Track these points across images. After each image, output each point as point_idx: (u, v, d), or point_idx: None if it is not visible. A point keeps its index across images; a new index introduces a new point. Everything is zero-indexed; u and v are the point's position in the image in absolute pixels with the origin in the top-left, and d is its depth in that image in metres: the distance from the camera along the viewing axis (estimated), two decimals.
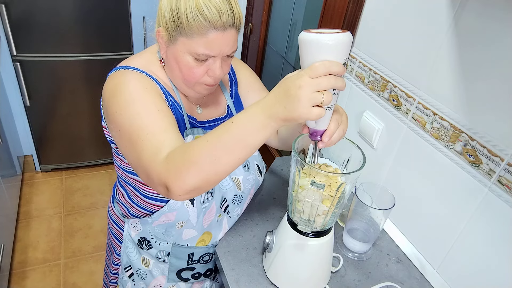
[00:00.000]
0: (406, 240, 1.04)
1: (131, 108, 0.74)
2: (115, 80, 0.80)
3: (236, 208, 1.00)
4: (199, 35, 0.73)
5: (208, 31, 0.73)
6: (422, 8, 0.91)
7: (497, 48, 0.75)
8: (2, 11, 1.98)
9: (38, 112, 2.38)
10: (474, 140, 0.82)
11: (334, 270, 0.94)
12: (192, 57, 0.77)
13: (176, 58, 0.79)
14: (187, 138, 0.85)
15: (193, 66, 0.78)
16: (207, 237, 0.98)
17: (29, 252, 2.10)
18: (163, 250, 0.99)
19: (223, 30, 0.74)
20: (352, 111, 1.21)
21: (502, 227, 0.78)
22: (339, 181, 0.77)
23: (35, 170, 2.66)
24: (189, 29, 0.73)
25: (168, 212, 0.89)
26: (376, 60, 1.08)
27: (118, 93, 0.77)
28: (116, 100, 0.76)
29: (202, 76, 0.80)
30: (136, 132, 0.72)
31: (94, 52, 2.30)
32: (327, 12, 1.28)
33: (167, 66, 0.85)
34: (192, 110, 0.92)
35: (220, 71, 0.80)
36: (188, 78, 0.81)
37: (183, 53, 0.77)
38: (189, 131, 0.86)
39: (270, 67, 2.00)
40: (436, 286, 0.94)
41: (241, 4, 2.10)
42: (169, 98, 0.85)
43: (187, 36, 0.74)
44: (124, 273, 1.07)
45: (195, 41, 0.74)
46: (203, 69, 0.79)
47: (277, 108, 0.59)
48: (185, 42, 0.75)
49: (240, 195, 0.98)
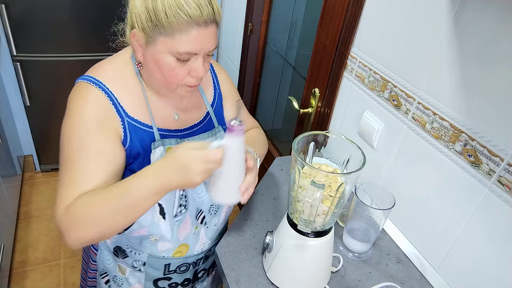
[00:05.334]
0: (406, 240, 1.04)
1: (74, 138, 0.75)
2: (78, 95, 0.79)
3: (214, 218, 0.98)
4: (180, 32, 0.71)
5: (190, 28, 0.70)
6: (422, 8, 0.91)
7: (497, 48, 0.75)
8: (2, 11, 1.98)
9: (38, 112, 2.38)
10: (474, 140, 0.82)
11: (334, 270, 0.94)
12: (174, 58, 0.74)
13: (156, 60, 0.75)
14: (156, 150, 0.82)
15: (175, 67, 0.75)
16: (184, 248, 0.96)
17: (29, 252, 2.10)
18: (138, 260, 0.96)
19: (205, 25, 0.72)
20: (352, 111, 1.21)
21: (502, 227, 0.78)
22: (339, 181, 0.78)
23: (35, 170, 2.66)
24: (170, 27, 0.70)
25: (138, 228, 0.86)
26: (376, 60, 1.08)
27: (72, 114, 0.77)
28: (68, 118, 0.77)
29: (184, 77, 0.77)
30: (66, 161, 0.75)
31: (94, 52, 2.30)
32: (327, 12, 1.28)
33: (145, 70, 0.81)
34: (168, 117, 0.88)
35: (203, 69, 0.77)
36: (170, 80, 0.77)
37: (164, 53, 0.74)
38: (158, 143, 0.83)
39: (270, 67, 2.00)
40: (436, 286, 0.94)
41: (241, 4, 2.10)
42: (127, 122, 0.81)
43: (168, 35, 0.71)
44: (101, 279, 1.04)
45: (177, 39, 0.71)
46: (185, 70, 0.76)
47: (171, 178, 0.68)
48: (166, 42, 0.72)
49: (217, 205, 0.96)
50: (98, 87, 0.79)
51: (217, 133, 0.95)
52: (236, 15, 2.20)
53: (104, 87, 0.79)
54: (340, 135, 0.82)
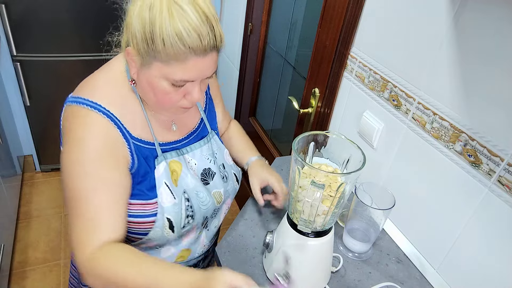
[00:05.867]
0: (406, 240, 1.04)
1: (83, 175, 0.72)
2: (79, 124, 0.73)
3: (214, 220, 0.98)
4: (177, 61, 0.67)
5: (187, 58, 0.67)
6: (422, 8, 0.91)
7: (497, 47, 0.75)
8: (2, 11, 1.98)
9: (38, 112, 2.38)
10: (474, 140, 0.82)
11: (334, 270, 0.94)
12: (169, 82, 0.70)
13: (150, 83, 0.72)
14: (159, 166, 0.82)
15: (170, 91, 0.72)
16: (186, 253, 0.95)
17: (29, 252, 2.10)
18: None
19: (204, 54, 0.68)
20: (352, 111, 1.21)
21: (502, 227, 0.78)
22: (339, 181, 0.78)
23: (35, 170, 2.66)
24: (166, 55, 0.66)
25: (148, 242, 0.86)
26: (376, 60, 1.08)
27: (77, 147, 0.72)
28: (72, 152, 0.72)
29: (179, 101, 0.75)
30: (75, 199, 0.72)
31: (94, 52, 2.30)
32: (327, 12, 1.28)
33: (139, 88, 0.78)
34: (166, 130, 0.87)
35: (198, 95, 0.74)
36: (164, 103, 0.75)
37: (159, 78, 0.70)
38: (160, 158, 0.82)
39: (270, 67, 2.00)
40: (436, 286, 0.94)
41: (241, 4, 2.10)
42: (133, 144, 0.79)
43: (163, 62, 0.67)
44: None
45: (173, 67, 0.68)
46: (180, 94, 0.73)
47: None
48: (161, 68, 0.68)
49: (218, 208, 0.96)
50: (99, 111, 0.74)
51: (211, 139, 0.95)
52: (236, 15, 2.20)
53: (105, 110, 0.74)
54: (340, 135, 0.82)
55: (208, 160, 0.92)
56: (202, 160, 0.91)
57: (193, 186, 0.87)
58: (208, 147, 0.94)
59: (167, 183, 0.82)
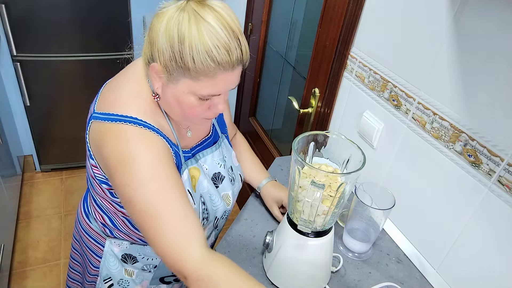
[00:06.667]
0: (406, 240, 1.04)
1: (144, 188, 0.70)
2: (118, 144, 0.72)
3: (223, 221, 1.01)
4: (206, 77, 0.68)
5: (216, 74, 0.68)
6: (422, 8, 0.91)
7: (497, 47, 0.75)
8: (2, 11, 1.98)
9: (38, 112, 2.38)
10: (474, 140, 0.82)
11: (334, 270, 0.94)
12: (196, 97, 0.72)
13: (177, 97, 0.73)
14: (183, 174, 0.83)
15: (196, 105, 0.73)
16: None
17: (29, 252, 2.10)
18: (150, 264, 0.97)
19: (232, 70, 0.69)
20: (352, 111, 1.21)
21: (502, 227, 0.78)
22: (339, 181, 0.78)
23: (35, 170, 2.66)
24: (195, 72, 0.67)
25: None
26: (376, 60, 1.08)
27: (127, 165, 0.70)
28: (125, 173, 0.70)
29: (204, 112, 0.76)
30: (154, 215, 0.70)
31: (94, 52, 2.30)
32: (327, 12, 1.28)
33: (163, 102, 0.78)
34: (184, 137, 0.88)
35: (223, 106, 0.76)
36: (189, 116, 0.76)
37: (186, 93, 0.71)
38: (184, 166, 0.84)
39: (270, 67, 2.00)
40: (436, 286, 0.94)
41: (241, 4, 2.10)
42: (173, 148, 0.80)
43: (192, 78, 0.68)
44: (103, 283, 1.02)
45: (201, 83, 0.69)
46: (205, 106, 0.75)
47: None
48: (190, 84, 0.69)
49: (228, 210, 0.98)
50: (143, 126, 0.74)
51: (221, 142, 0.97)
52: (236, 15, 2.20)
53: (147, 124, 0.74)
54: (340, 135, 0.82)
55: (219, 165, 0.94)
56: (213, 165, 0.93)
57: (207, 189, 0.89)
58: (219, 152, 0.95)
59: (189, 190, 0.84)
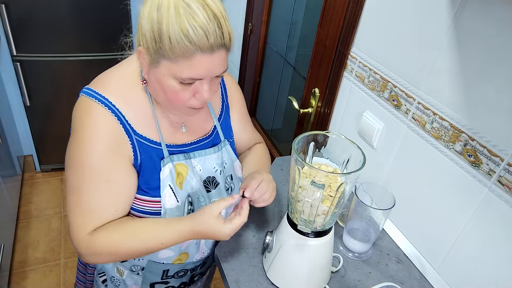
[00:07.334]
0: (406, 240, 1.04)
1: (85, 167, 0.76)
2: (86, 116, 0.76)
3: None
4: (183, 58, 0.67)
5: (193, 55, 0.67)
6: (422, 8, 0.91)
7: (497, 48, 0.75)
8: (2, 11, 1.98)
9: (38, 112, 2.38)
10: (474, 140, 0.82)
11: (334, 270, 0.94)
12: (177, 81, 0.71)
13: (159, 81, 0.73)
14: (165, 168, 0.82)
15: (179, 90, 0.72)
16: (184, 256, 0.95)
17: (29, 252, 2.10)
18: (137, 265, 0.95)
19: (211, 52, 0.68)
20: (352, 111, 1.21)
21: (502, 227, 0.78)
22: (339, 181, 0.78)
23: (35, 170, 2.66)
24: (173, 53, 0.67)
25: None
26: (376, 60, 1.08)
27: (81, 139, 0.76)
28: (77, 143, 0.77)
29: (189, 100, 0.75)
30: (77, 190, 0.77)
31: (94, 52, 2.30)
32: (327, 12, 1.28)
33: (150, 88, 0.79)
34: (175, 131, 0.87)
35: (208, 93, 0.74)
36: (174, 102, 0.75)
37: (167, 76, 0.71)
38: (167, 160, 0.82)
39: (270, 67, 2.00)
40: (436, 286, 0.94)
41: (241, 4, 2.10)
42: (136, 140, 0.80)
43: (171, 60, 0.68)
44: (98, 277, 1.03)
45: (180, 65, 0.68)
46: (189, 92, 0.73)
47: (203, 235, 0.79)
48: (169, 66, 0.69)
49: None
50: (105, 105, 0.76)
51: (223, 147, 0.94)
52: (236, 15, 2.20)
53: (110, 105, 0.77)
54: (340, 135, 0.82)
55: (214, 169, 0.92)
56: (207, 168, 0.91)
57: (196, 190, 0.87)
58: (218, 155, 0.92)
59: (171, 185, 0.83)
